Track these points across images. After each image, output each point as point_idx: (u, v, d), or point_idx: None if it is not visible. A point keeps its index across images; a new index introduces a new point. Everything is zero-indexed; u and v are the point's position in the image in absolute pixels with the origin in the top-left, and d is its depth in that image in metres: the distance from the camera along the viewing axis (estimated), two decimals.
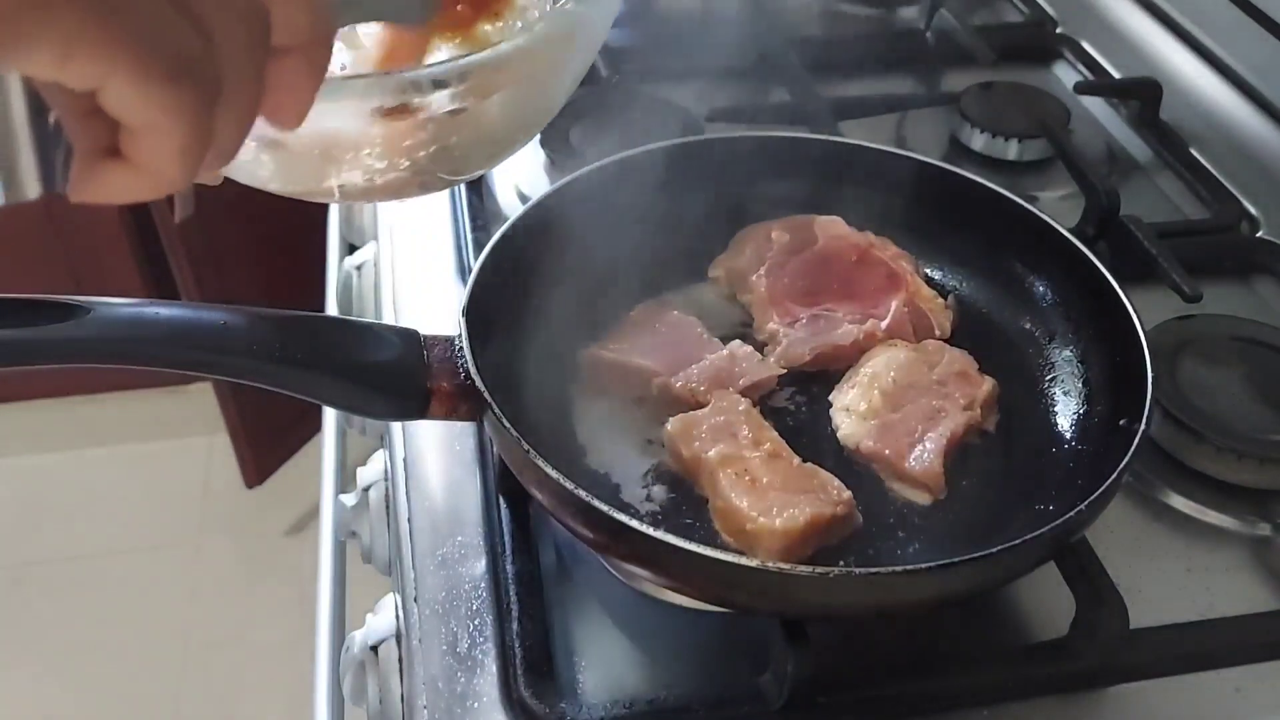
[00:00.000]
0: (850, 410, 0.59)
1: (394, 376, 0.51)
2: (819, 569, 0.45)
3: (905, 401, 0.58)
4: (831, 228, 0.67)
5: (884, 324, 0.62)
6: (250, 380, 0.49)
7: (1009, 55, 0.98)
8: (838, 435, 0.59)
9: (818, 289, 0.65)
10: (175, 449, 1.94)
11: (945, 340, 0.63)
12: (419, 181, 0.52)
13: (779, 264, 0.65)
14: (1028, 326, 0.62)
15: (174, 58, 0.30)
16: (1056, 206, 0.82)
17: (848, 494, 0.53)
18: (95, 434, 1.94)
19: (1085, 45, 1.02)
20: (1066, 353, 0.62)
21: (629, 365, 0.59)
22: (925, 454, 0.56)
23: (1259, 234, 0.82)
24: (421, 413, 0.52)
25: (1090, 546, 0.54)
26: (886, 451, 0.57)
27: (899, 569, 0.49)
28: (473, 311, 0.53)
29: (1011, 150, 0.87)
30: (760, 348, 0.63)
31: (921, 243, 0.68)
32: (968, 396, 0.59)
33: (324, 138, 0.46)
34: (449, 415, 0.52)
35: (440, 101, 0.46)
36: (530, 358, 0.60)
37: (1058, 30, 1.05)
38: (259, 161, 0.48)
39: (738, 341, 0.62)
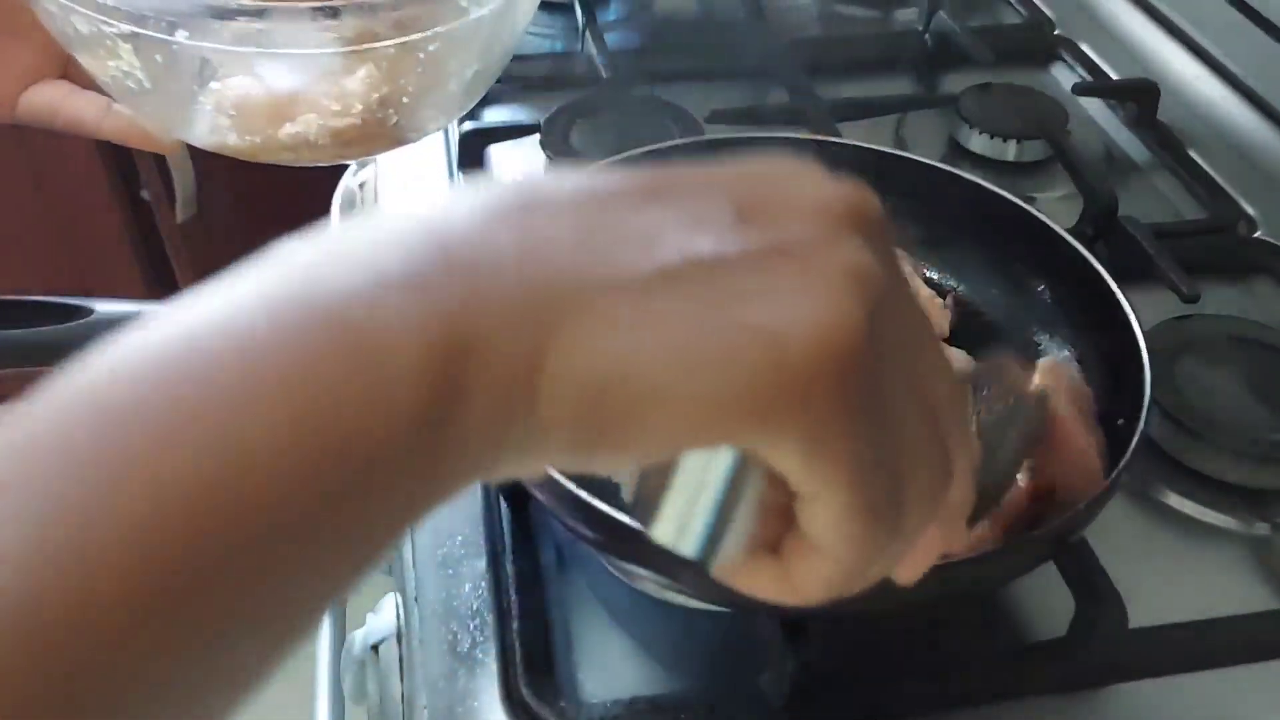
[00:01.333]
0: None
1: None
2: None
3: None
4: None
5: None
6: None
7: (1007, 57, 0.98)
8: None
9: None
10: None
11: (944, 340, 0.63)
12: (373, 134, 0.53)
13: None
14: (1025, 326, 0.62)
15: (880, 503, 0.29)
16: (1055, 207, 0.82)
17: None
18: None
19: (1083, 47, 1.02)
20: (1064, 353, 0.62)
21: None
22: None
23: (1257, 234, 0.82)
24: None
25: (1089, 546, 0.54)
26: None
27: None
28: None
29: (1010, 151, 0.88)
30: None
31: (919, 243, 0.68)
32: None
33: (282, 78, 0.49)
34: None
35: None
36: None
37: (1056, 32, 1.05)
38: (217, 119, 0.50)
39: None
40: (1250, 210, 0.84)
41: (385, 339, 0.24)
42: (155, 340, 0.24)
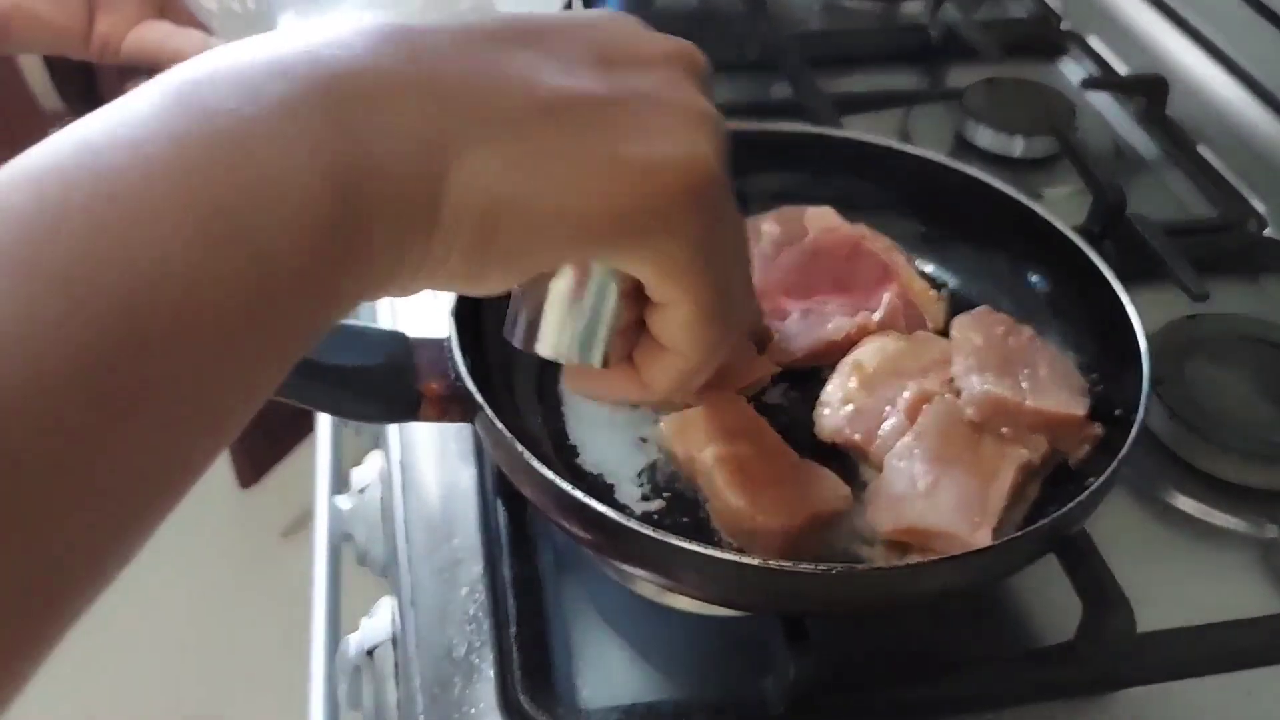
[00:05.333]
0: (826, 403, 0.58)
1: (382, 380, 0.51)
2: (820, 565, 0.45)
3: (882, 388, 0.57)
4: (822, 220, 0.66)
5: (876, 317, 0.62)
6: None
7: (1014, 51, 0.97)
8: (814, 430, 0.58)
9: (809, 282, 0.64)
10: None
11: (937, 333, 0.63)
12: None
13: (770, 258, 0.64)
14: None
15: (721, 310, 0.37)
16: (1062, 203, 0.82)
17: (845, 489, 0.53)
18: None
19: (1091, 41, 1.01)
20: (1064, 345, 0.61)
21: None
22: (892, 430, 0.55)
23: (1266, 232, 0.81)
24: (412, 415, 0.52)
25: (1096, 549, 0.53)
26: (856, 436, 0.56)
27: (899, 564, 0.49)
28: (462, 312, 0.53)
29: (1017, 146, 0.87)
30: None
31: (920, 238, 0.67)
32: (946, 379, 0.58)
33: None
34: (440, 417, 0.52)
35: None
36: (521, 357, 0.59)
37: (1063, 26, 1.04)
38: None
39: None
40: (1260, 207, 0.83)
41: (281, 164, 0.27)
42: (55, 151, 0.25)
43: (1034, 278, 0.64)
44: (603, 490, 0.55)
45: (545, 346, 0.38)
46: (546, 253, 0.34)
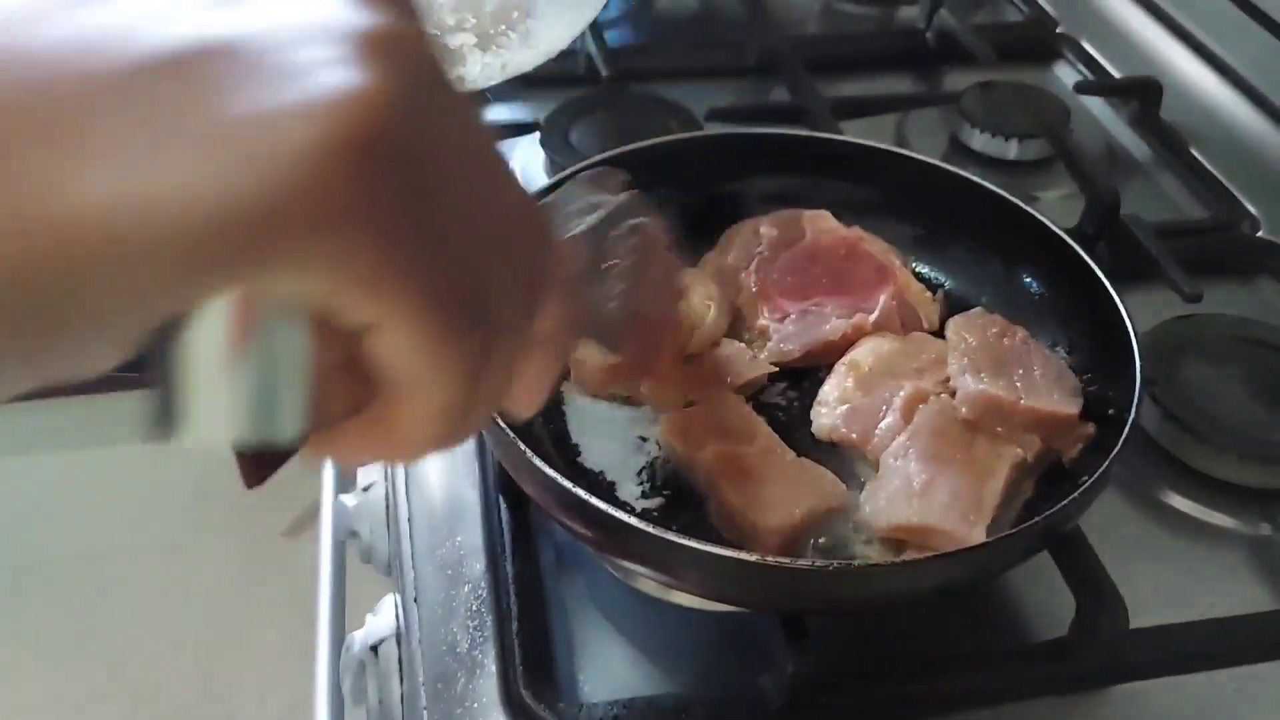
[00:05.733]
0: (823, 402, 0.59)
1: None
2: (816, 563, 0.46)
3: (878, 387, 0.58)
4: (819, 222, 0.66)
5: (872, 318, 0.62)
6: None
7: (1009, 55, 0.98)
8: (812, 429, 0.58)
9: (807, 284, 0.65)
10: (174, 449, 1.94)
11: (933, 334, 0.63)
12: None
13: (767, 260, 0.65)
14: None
15: (458, 314, 0.25)
16: (1056, 206, 0.82)
17: (841, 487, 0.53)
18: None
19: (1085, 45, 1.02)
20: (1057, 346, 0.62)
21: (619, 364, 0.59)
22: (887, 429, 0.56)
23: (1259, 234, 0.82)
24: None
25: (1090, 546, 0.54)
26: (853, 435, 0.56)
27: (896, 561, 0.50)
28: None
29: (1012, 150, 0.87)
30: (750, 344, 0.63)
31: (911, 238, 0.68)
32: (941, 379, 0.59)
33: None
34: None
35: None
36: None
37: (1058, 30, 1.04)
38: None
39: (727, 338, 0.62)
40: (1253, 209, 0.83)
41: None
42: None
43: (1028, 279, 0.65)
44: (603, 488, 0.55)
45: (201, 429, 0.25)
46: (134, 296, 0.21)
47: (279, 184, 0.21)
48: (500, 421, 0.49)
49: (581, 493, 0.46)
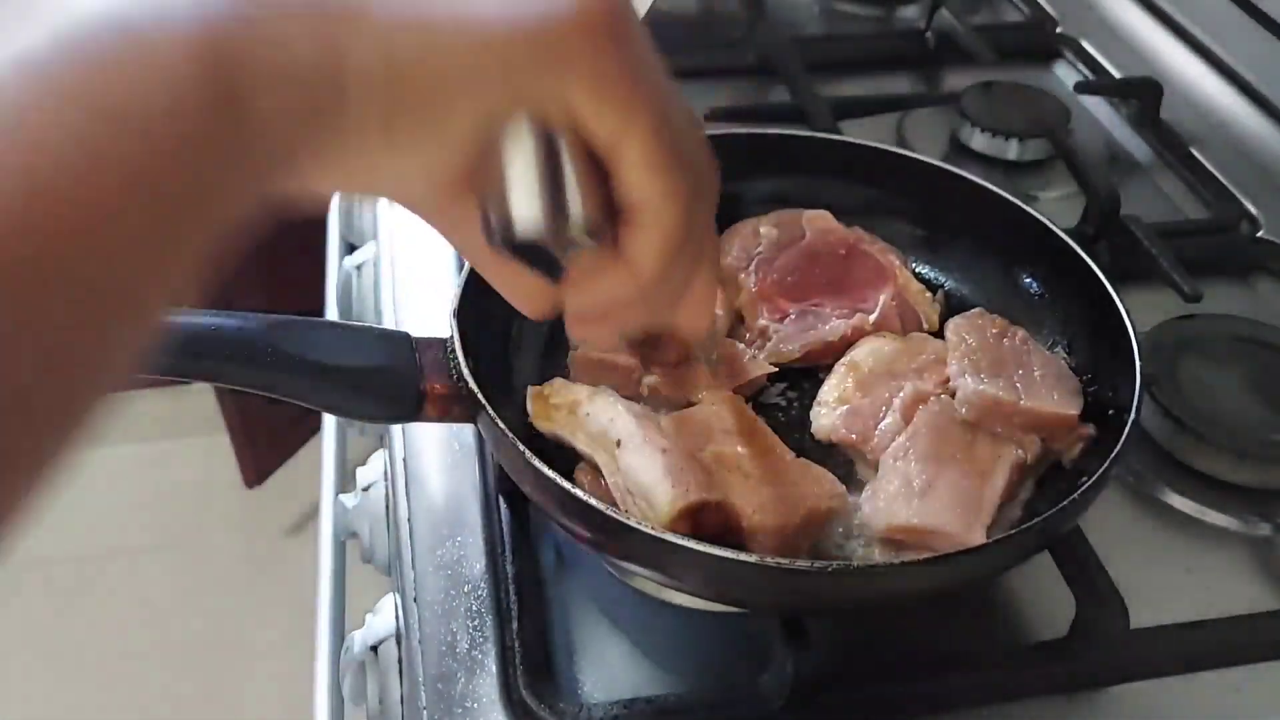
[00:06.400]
0: (823, 403, 0.59)
1: (385, 380, 0.51)
2: (816, 563, 0.46)
3: (878, 388, 0.58)
4: (819, 222, 0.66)
5: (872, 318, 0.62)
6: (241, 386, 0.49)
7: (1009, 55, 0.98)
8: (812, 429, 0.58)
9: (806, 284, 0.65)
10: (174, 449, 1.94)
11: (933, 334, 0.63)
12: None
13: (767, 260, 0.65)
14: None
15: (677, 149, 0.35)
16: (1057, 206, 0.82)
17: (841, 487, 0.53)
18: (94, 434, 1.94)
19: (1085, 45, 1.02)
20: (1057, 346, 0.62)
21: (618, 364, 0.59)
22: (887, 429, 0.56)
23: (1259, 234, 0.82)
24: (414, 415, 0.52)
25: (1090, 546, 0.54)
26: (852, 436, 0.56)
27: (895, 561, 0.50)
28: (464, 313, 0.53)
29: (1012, 150, 0.87)
30: (750, 344, 0.63)
31: (911, 239, 0.68)
32: (941, 380, 0.59)
33: None
34: (442, 417, 0.52)
35: None
36: (523, 358, 0.60)
37: (1058, 30, 1.04)
38: None
39: (727, 338, 0.62)
40: (1253, 210, 0.83)
41: (157, 43, 0.26)
42: None
43: (1028, 279, 0.65)
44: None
45: (525, 221, 0.34)
46: (465, 99, 0.32)
47: (572, 22, 0.32)
48: (499, 422, 0.49)
49: (580, 494, 0.46)
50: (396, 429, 0.64)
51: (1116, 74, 0.98)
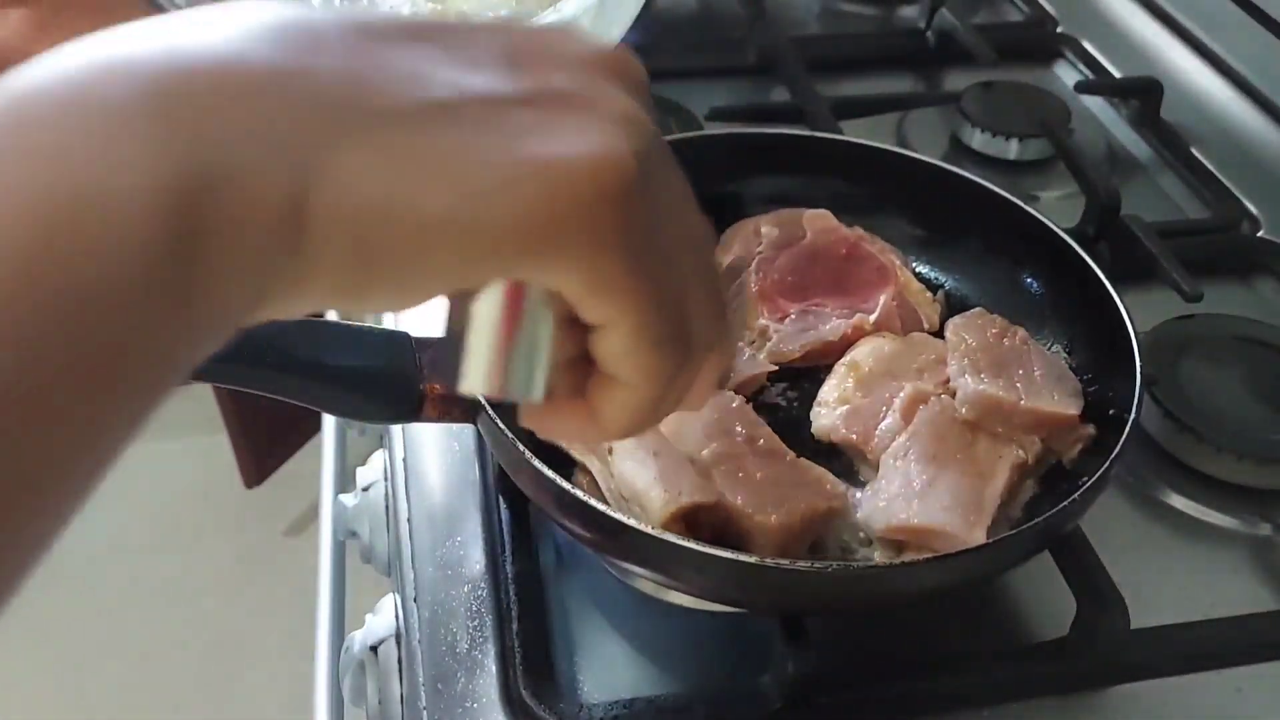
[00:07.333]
0: (823, 403, 0.59)
1: (385, 380, 0.51)
2: (816, 563, 0.46)
3: (878, 388, 0.58)
4: (820, 221, 0.66)
5: (872, 318, 0.62)
6: (239, 386, 0.49)
7: (1010, 54, 0.98)
8: (812, 429, 0.58)
9: (807, 284, 0.65)
10: (174, 449, 1.94)
11: (933, 334, 0.63)
12: None
13: (767, 259, 0.65)
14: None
15: (670, 328, 0.32)
16: (1057, 206, 0.82)
17: (841, 487, 0.53)
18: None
19: (1086, 44, 1.02)
20: (1057, 346, 0.62)
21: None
22: (887, 429, 0.56)
23: (1260, 234, 0.82)
24: (414, 416, 0.52)
25: (1091, 546, 0.54)
26: (853, 436, 0.56)
27: (895, 562, 0.50)
28: None
29: (1012, 149, 0.87)
30: (750, 344, 0.63)
31: (911, 238, 0.68)
32: (941, 380, 0.59)
33: None
34: (442, 418, 0.52)
35: None
36: None
37: (1058, 29, 1.04)
38: None
39: None
40: (1253, 209, 0.83)
41: (108, 178, 0.23)
42: None
43: (1028, 279, 0.65)
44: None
45: (470, 381, 0.32)
46: (439, 269, 0.28)
47: (551, 210, 0.28)
48: (499, 422, 0.49)
49: (580, 494, 0.46)
50: (396, 429, 0.64)
51: (1117, 74, 0.98)
